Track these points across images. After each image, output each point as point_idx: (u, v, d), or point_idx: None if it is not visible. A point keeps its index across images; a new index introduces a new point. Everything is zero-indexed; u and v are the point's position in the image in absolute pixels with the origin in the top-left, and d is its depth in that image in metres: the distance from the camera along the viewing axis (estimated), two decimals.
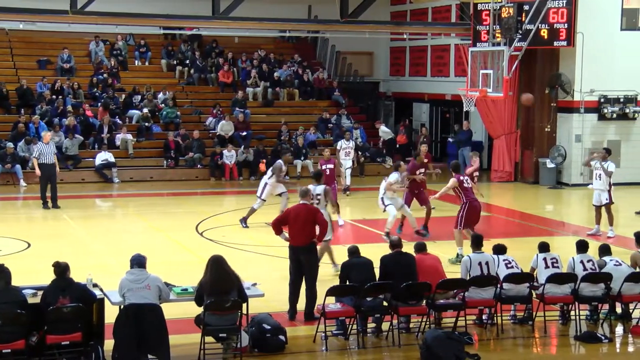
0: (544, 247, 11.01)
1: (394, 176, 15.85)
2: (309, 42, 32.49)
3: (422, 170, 16.86)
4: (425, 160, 17.17)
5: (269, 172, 17.20)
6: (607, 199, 16.44)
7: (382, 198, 15.93)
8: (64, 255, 10.76)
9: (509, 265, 10.72)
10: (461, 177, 14.37)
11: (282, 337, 9.85)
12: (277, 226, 11.19)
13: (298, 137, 26.14)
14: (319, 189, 13.06)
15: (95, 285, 9.52)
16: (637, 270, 10.82)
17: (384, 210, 15.96)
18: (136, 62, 29.41)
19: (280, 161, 17.27)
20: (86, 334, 8.95)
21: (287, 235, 11.14)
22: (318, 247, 11.42)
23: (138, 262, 9.13)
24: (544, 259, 10.82)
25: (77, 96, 26.69)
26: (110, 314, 9.25)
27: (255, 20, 25.28)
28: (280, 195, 17.22)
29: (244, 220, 17.13)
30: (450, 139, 26.76)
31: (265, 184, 16.99)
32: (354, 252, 10.56)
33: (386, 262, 10.33)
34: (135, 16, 24.30)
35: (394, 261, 10.31)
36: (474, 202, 14.34)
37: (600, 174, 16.47)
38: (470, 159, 18.41)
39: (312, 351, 9.93)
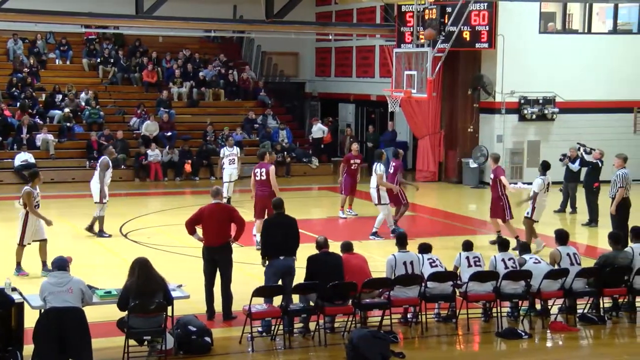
0: (467, 246, 11.20)
1: (381, 167, 16.17)
2: (235, 42, 32.35)
3: (358, 161, 18.05)
4: (358, 161, 18.05)
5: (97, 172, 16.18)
6: (527, 213, 15.18)
7: (378, 190, 16.15)
8: None
9: (433, 264, 10.87)
10: (256, 170, 15.07)
11: (207, 339, 9.78)
12: (191, 226, 11.10)
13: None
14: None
15: (14, 289, 9.29)
16: (556, 267, 11.11)
17: (377, 204, 16.21)
18: (57, 61, 28.79)
19: (106, 157, 16.39)
20: (4, 339, 8.75)
21: (200, 235, 11.09)
22: None
23: (59, 265, 8.95)
24: (467, 257, 11.01)
25: None
26: (30, 318, 9.04)
27: (180, 19, 25.07)
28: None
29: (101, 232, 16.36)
30: (369, 143, 26.93)
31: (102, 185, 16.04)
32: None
33: (313, 262, 10.35)
34: (55, 14, 23.78)
35: (321, 261, 10.34)
36: (257, 193, 15.00)
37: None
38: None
39: (239, 352, 9.88)
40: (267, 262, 10.63)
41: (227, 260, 10.92)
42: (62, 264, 8.96)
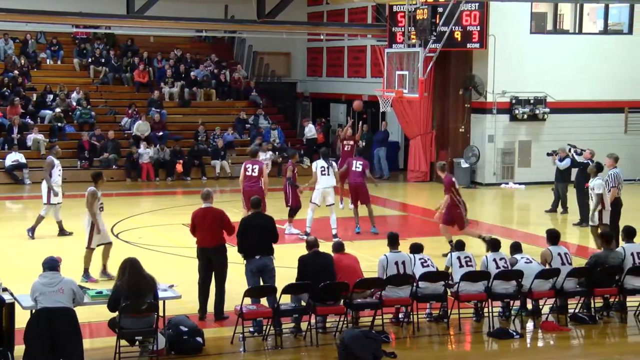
0: (459, 246, 11.21)
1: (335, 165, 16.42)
2: (226, 42, 32.33)
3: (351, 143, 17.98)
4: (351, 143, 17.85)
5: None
6: (593, 221, 14.54)
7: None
8: None
9: (424, 264, 10.88)
10: (247, 165, 15.67)
11: (199, 339, 9.77)
12: (194, 233, 11.15)
13: (217, 138, 25.99)
14: None
15: (5, 290, 9.26)
16: (547, 267, 11.13)
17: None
18: (48, 60, 28.71)
19: (50, 156, 16.13)
20: None
21: None
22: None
23: (50, 265, 8.91)
24: (458, 257, 11.02)
25: None
26: (21, 318, 9.01)
27: (171, 19, 25.02)
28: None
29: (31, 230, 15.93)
30: (362, 142, 26.88)
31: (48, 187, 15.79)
32: None
33: (303, 263, 10.35)
34: (46, 14, 23.72)
35: (312, 261, 10.34)
36: (247, 187, 15.51)
37: (591, 194, 14.67)
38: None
39: (230, 352, 9.88)
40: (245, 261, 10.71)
41: (222, 261, 10.92)
42: (53, 265, 8.92)
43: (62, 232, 16.13)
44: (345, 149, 18.73)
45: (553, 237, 11.41)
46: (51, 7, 24.22)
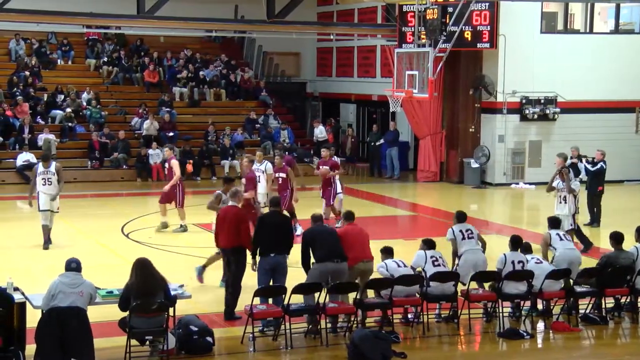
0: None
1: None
2: (236, 42, 32.36)
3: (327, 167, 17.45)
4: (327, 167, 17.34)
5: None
6: (570, 224, 14.56)
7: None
8: None
9: (436, 263, 10.84)
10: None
11: (209, 339, 9.79)
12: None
13: (224, 137, 26.03)
14: None
15: (16, 289, 9.29)
16: (549, 249, 11.43)
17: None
18: (59, 61, 28.80)
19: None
20: (6, 339, 8.73)
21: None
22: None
23: (76, 266, 8.87)
24: (460, 230, 11.35)
25: None
26: (33, 318, 9.04)
27: (181, 19, 25.09)
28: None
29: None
30: (372, 142, 26.90)
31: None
32: None
33: (309, 234, 10.56)
34: (57, 14, 23.80)
35: (316, 231, 10.55)
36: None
37: (565, 196, 14.59)
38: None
39: (240, 352, 9.89)
40: (257, 262, 10.73)
41: (238, 262, 10.91)
42: (78, 266, 8.91)
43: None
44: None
45: (554, 222, 11.82)
46: (62, 8, 24.30)
